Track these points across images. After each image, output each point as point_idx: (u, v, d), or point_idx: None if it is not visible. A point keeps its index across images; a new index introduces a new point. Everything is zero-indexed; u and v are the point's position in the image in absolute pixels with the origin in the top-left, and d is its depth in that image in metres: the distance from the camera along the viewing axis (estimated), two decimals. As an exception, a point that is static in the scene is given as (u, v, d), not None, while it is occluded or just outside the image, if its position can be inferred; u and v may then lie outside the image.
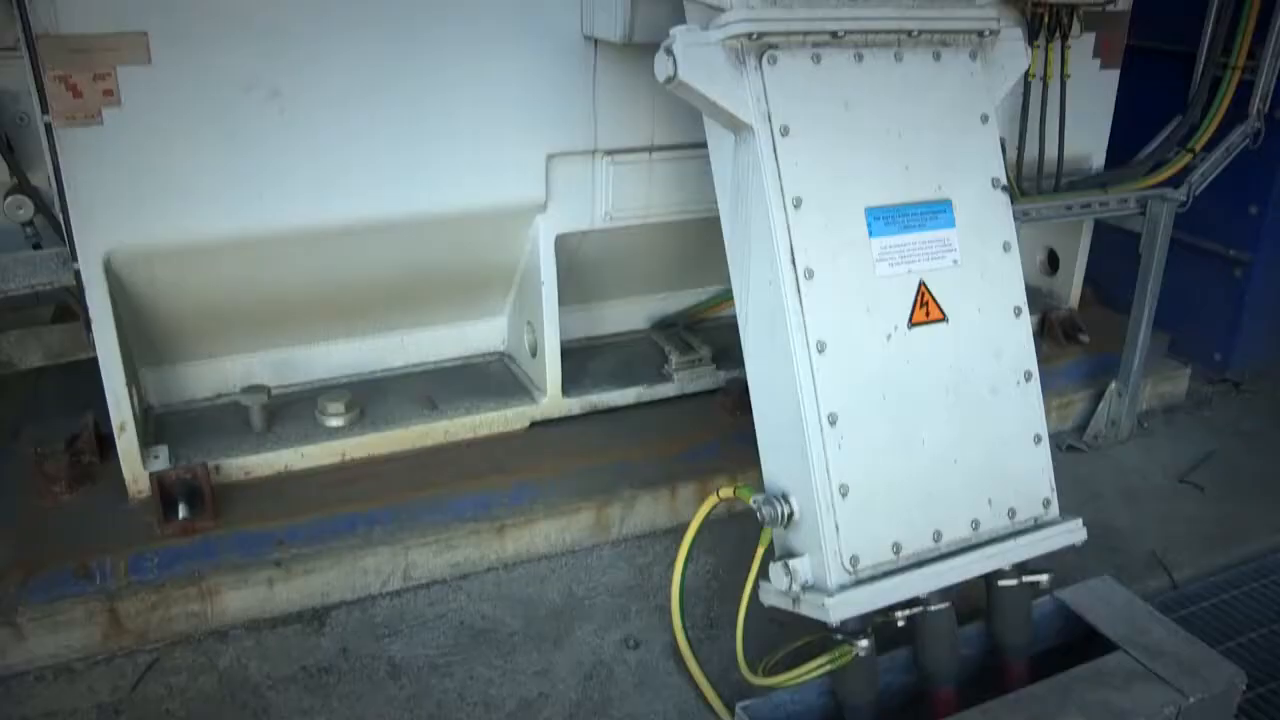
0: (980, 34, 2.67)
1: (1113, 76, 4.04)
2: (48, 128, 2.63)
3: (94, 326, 2.84)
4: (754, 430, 2.56)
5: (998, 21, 2.71)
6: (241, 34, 2.71)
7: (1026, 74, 3.39)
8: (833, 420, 2.36)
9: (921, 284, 2.52)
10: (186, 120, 2.73)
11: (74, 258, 2.79)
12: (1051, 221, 3.92)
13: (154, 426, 3.21)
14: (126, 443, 2.94)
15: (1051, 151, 3.79)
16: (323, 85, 2.84)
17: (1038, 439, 2.66)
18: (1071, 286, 4.43)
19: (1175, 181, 3.96)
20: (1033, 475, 2.65)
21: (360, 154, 2.94)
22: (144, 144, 2.71)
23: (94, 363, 2.90)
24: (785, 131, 2.36)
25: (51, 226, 3.67)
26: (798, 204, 2.35)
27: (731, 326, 2.70)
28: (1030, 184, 3.81)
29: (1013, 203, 2.84)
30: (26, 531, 2.87)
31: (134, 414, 2.95)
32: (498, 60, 3.00)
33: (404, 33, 2.87)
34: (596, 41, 3.06)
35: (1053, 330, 4.29)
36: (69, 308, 3.67)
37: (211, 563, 2.84)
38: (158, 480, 2.91)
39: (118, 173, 2.71)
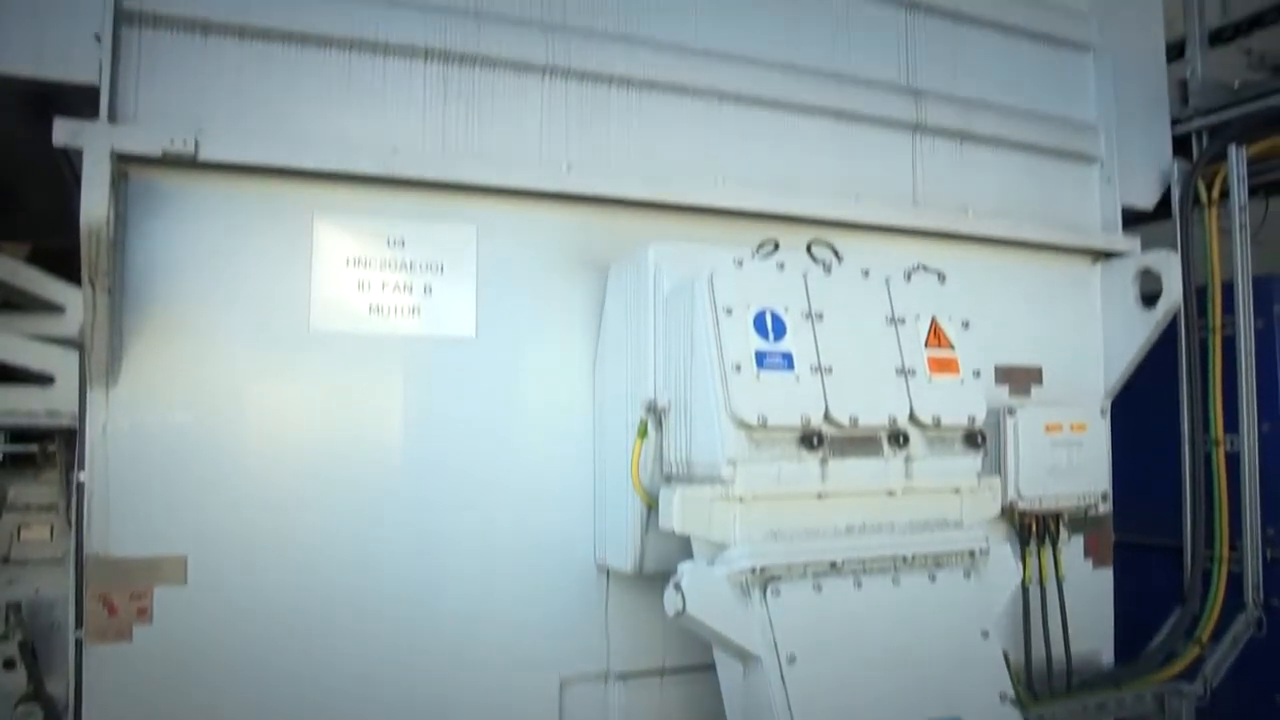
0: (972, 554, 2.83)
1: (1106, 575, 4.13)
2: (78, 643, 2.70)
3: None
4: None
5: (986, 540, 2.88)
6: (273, 553, 2.86)
7: (1023, 581, 3.50)
8: None
9: (941, 812, 2.47)
10: (213, 637, 2.80)
11: (78, 779, 2.74)
12: (1069, 723, 3.85)
13: None
14: None
15: (1058, 652, 3.80)
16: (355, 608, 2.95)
17: None
18: (1104, 787, 4.22)
19: (1190, 674, 3.95)
20: None
21: (385, 681, 2.97)
22: (169, 661, 2.75)
23: None
24: (792, 660, 2.44)
25: (59, 737, 3.63)
26: (809, 732, 2.37)
27: None
28: (1042, 686, 3.79)
29: (1025, 710, 2.84)
30: None
31: None
32: (512, 585, 3.13)
33: (423, 553, 3.02)
34: (609, 570, 3.20)
35: (1088, 842, 4.03)
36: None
37: None
38: None
39: (139, 689, 2.73)
